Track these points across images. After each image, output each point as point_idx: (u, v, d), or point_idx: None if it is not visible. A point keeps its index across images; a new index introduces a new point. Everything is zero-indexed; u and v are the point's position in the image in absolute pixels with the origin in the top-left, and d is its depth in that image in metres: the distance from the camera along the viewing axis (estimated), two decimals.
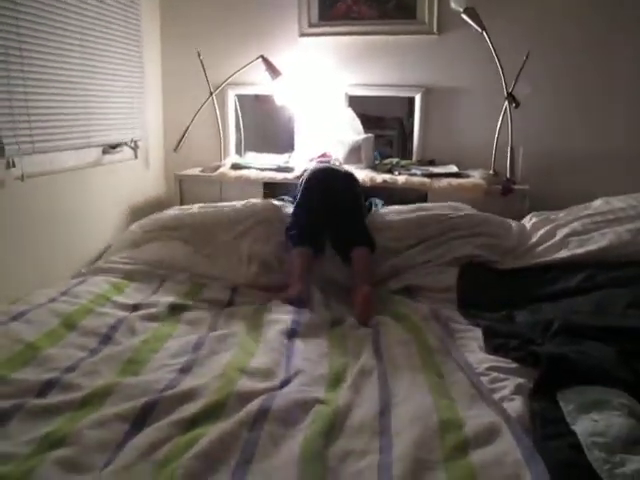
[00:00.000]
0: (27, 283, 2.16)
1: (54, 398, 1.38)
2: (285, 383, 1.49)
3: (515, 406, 1.34)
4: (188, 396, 1.38)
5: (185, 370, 1.54)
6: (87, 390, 1.40)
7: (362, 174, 2.86)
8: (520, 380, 1.46)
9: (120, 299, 2.03)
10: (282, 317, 1.91)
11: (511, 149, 2.83)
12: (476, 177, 2.84)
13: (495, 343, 1.68)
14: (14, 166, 2.12)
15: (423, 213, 2.49)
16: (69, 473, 1.12)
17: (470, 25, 2.83)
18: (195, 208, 2.66)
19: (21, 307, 1.81)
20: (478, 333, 1.78)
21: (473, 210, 2.56)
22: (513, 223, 2.52)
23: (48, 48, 2.28)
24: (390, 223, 2.46)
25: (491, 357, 1.62)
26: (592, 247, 2.20)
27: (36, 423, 1.28)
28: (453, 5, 2.86)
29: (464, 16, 2.82)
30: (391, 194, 2.86)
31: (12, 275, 2.17)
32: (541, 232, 2.42)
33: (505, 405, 1.35)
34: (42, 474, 1.09)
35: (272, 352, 1.66)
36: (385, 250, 2.38)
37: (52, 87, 2.32)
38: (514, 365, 1.56)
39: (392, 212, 2.55)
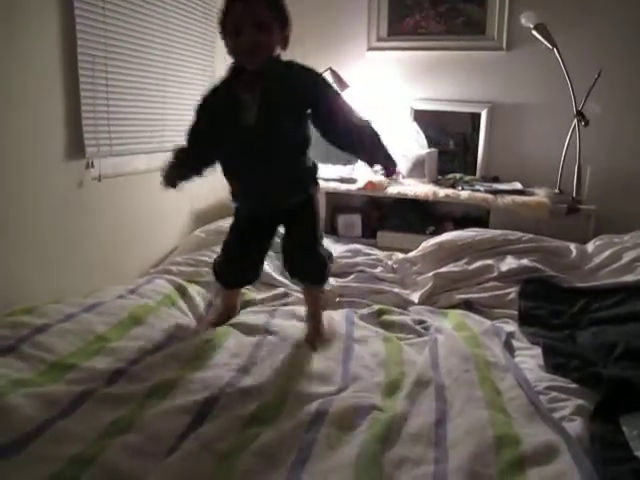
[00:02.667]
0: (97, 278, 2.26)
1: (121, 387, 1.44)
2: (342, 388, 1.50)
3: (575, 427, 1.31)
4: (248, 394, 1.42)
5: (245, 369, 1.57)
6: (152, 382, 1.46)
7: (425, 188, 2.86)
8: (580, 401, 1.43)
9: (184, 299, 2.11)
10: (339, 323, 1.94)
11: (578, 168, 2.78)
12: (541, 195, 2.79)
13: (555, 362, 1.64)
14: (92, 167, 2.24)
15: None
16: (134, 458, 1.17)
17: (540, 41, 2.80)
18: None
19: (92, 300, 1.89)
20: (538, 351, 1.75)
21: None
22: (572, 245, 2.49)
23: (131, 57, 2.39)
24: None
25: (550, 376, 1.59)
26: None
27: (104, 409, 1.34)
28: (524, 21, 2.84)
29: (534, 32, 2.80)
30: (453, 209, 2.84)
31: (84, 270, 2.27)
32: (606, 254, 2.37)
33: (564, 425, 1.32)
34: (110, 457, 1.15)
35: (330, 357, 1.68)
36: None
37: (132, 94, 2.43)
38: (574, 385, 1.52)
39: None
